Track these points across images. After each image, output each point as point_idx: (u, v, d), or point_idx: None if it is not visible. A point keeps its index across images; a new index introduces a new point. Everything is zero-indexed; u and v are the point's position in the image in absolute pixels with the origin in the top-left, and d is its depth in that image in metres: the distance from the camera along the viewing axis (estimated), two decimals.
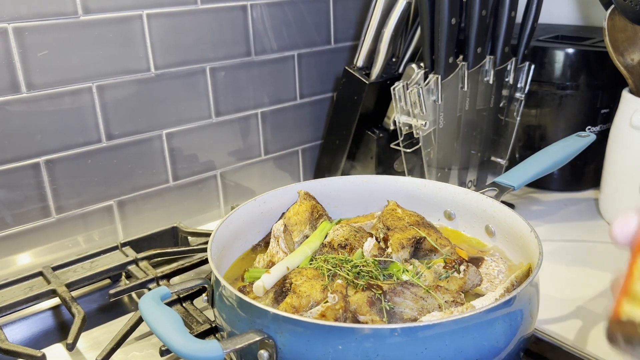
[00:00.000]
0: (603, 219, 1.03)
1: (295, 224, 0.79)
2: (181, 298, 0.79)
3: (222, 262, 0.73)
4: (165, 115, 1.01)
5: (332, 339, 0.52)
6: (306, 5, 1.12)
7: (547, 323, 0.73)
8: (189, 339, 0.51)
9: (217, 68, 1.04)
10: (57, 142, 0.90)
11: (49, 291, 0.81)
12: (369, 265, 0.68)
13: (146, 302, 0.56)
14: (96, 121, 0.93)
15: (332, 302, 0.59)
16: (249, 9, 1.05)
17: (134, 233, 1.00)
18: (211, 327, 0.73)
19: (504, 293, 0.62)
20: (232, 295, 0.59)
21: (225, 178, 1.13)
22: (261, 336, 0.54)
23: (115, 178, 0.98)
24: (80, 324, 0.73)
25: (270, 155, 1.18)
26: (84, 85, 0.90)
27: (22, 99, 0.85)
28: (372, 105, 1.11)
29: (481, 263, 0.73)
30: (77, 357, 0.74)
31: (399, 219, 0.77)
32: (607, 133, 1.01)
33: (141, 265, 0.88)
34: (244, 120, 1.11)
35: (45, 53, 0.86)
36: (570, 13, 1.25)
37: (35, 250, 0.93)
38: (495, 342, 0.56)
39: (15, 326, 0.82)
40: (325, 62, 1.20)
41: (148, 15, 0.94)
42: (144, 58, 0.95)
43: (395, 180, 0.86)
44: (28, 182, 0.89)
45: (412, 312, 0.61)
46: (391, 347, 0.51)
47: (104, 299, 0.88)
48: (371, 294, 0.61)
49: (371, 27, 1.08)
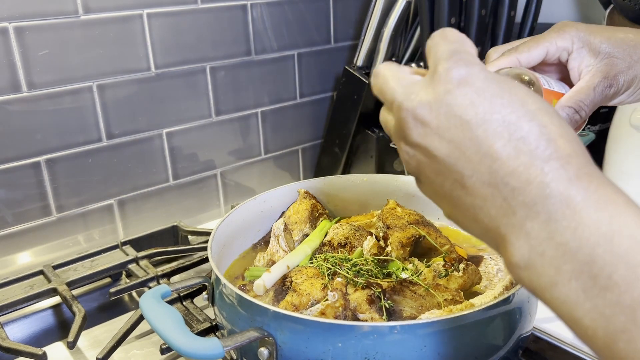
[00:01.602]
0: None
1: (295, 222, 0.79)
2: (181, 296, 0.80)
3: (222, 260, 0.73)
4: (165, 114, 1.01)
5: (332, 336, 0.52)
6: (306, 4, 1.12)
7: (546, 322, 0.73)
8: (189, 337, 0.51)
9: (217, 67, 1.04)
10: (57, 141, 0.90)
11: (49, 290, 0.81)
12: (368, 263, 0.68)
13: (147, 300, 0.56)
14: (96, 120, 0.93)
15: (332, 300, 0.60)
16: (249, 9, 1.05)
17: (135, 232, 1.00)
18: (211, 325, 0.73)
19: (503, 291, 0.62)
20: (233, 294, 0.59)
21: (225, 177, 1.13)
22: (261, 334, 0.54)
23: (116, 177, 0.98)
24: (81, 322, 0.73)
25: (270, 154, 1.18)
26: (84, 85, 0.91)
27: (23, 98, 0.86)
28: (372, 104, 1.11)
29: (480, 261, 0.73)
30: (78, 355, 0.74)
31: (398, 218, 0.77)
32: (606, 132, 1.01)
33: (141, 264, 0.88)
34: (244, 120, 1.11)
35: (45, 52, 0.86)
36: (569, 13, 1.25)
37: (35, 249, 0.93)
38: (494, 340, 0.56)
39: (16, 324, 0.82)
40: (325, 62, 1.20)
41: (148, 15, 0.94)
42: (144, 57, 0.95)
43: (395, 179, 0.87)
44: (28, 181, 0.89)
45: (411, 310, 0.61)
46: (390, 344, 0.51)
47: (104, 297, 0.89)
48: (371, 292, 0.61)
49: (371, 26, 1.08)
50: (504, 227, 0.35)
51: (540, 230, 0.33)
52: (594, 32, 0.57)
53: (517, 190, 0.34)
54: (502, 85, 0.36)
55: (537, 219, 0.33)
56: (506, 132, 0.35)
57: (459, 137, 0.36)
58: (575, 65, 0.58)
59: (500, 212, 0.35)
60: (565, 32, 0.57)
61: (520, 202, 0.34)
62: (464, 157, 0.36)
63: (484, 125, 0.35)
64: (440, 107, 0.37)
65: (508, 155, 0.34)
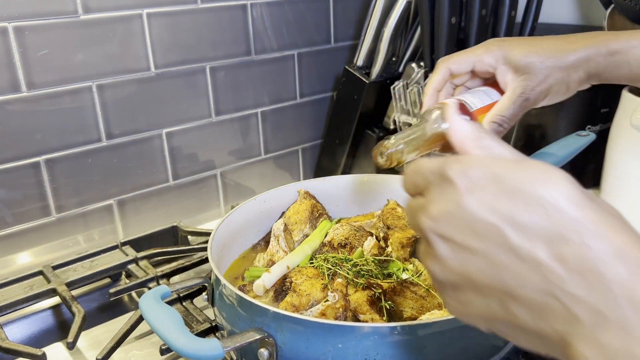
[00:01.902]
0: None
1: (295, 223, 0.79)
2: (181, 297, 0.79)
3: (222, 261, 0.73)
4: (165, 114, 1.01)
5: (332, 337, 0.52)
6: (306, 4, 1.12)
7: None
8: (189, 338, 0.51)
9: (217, 67, 1.04)
10: (57, 141, 0.90)
11: (49, 290, 0.81)
12: (369, 264, 0.68)
13: (146, 301, 0.56)
14: (96, 120, 0.93)
15: (332, 301, 0.60)
16: (249, 8, 1.05)
17: (134, 232, 1.00)
18: (211, 326, 0.73)
19: None
20: (233, 294, 0.59)
21: (225, 177, 1.13)
22: (261, 335, 0.54)
23: (115, 177, 0.98)
24: (81, 322, 0.73)
25: (270, 154, 1.18)
26: (84, 85, 0.91)
27: (23, 98, 0.85)
28: (372, 104, 1.11)
29: None
30: (77, 356, 0.74)
31: (399, 218, 0.77)
32: (607, 132, 1.01)
33: (141, 265, 0.88)
34: (244, 120, 1.11)
35: (45, 52, 0.86)
36: (570, 13, 1.25)
37: (35, 249, 0.93)
38: (494, 340, 0.56)
39: (16, 325, 0.82)
40: (325, 62, 1.20)
41: (148, 15, 0.94)
42: (144, 57, 0.95)
43: (395, 179, 0.86)
44: (28, 181, 0.89)
45: (411, 311, 0.61)
46: (391, 345, 0.51)
47: (104, 298, 0.89)
48: (371, 292, 0.61)
49: (371, 26, 1.08)
50: (569, 336, 0.32)
51: (614, 339, 0.30)
52: (515, 48, 0.64)
53: (578, 297, 0.31)
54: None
55: (609, 328, 0.30)
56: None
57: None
58: (500, 80, 0.66)
59: (561, 319, 0.32)
60: (490, 51, 0.65)
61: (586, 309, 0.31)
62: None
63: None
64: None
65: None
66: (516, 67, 0.63)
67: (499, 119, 0.64)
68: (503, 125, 0.64)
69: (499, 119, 0.64)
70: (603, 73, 0.62)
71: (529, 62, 0.62)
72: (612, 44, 0.60)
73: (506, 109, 0.64)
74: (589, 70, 0.62)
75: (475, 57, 0.66)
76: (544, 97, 0.64)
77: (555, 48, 0.62)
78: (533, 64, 0.62)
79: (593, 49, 0.61)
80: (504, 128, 0.64)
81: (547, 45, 0.63)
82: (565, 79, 0.62)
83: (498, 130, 0.64)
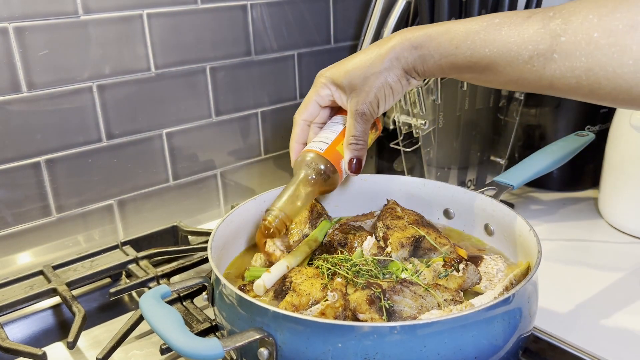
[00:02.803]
0: (602, 218, 1.03)
1: (295, 222, 0.79)
2: (181, 297, 0.80)
3: (222, 260, 0.73)
4: (165, 114, 1.01)
5: (332, 337, 0.52)
6: (306, 4, 1.12)
7: (546, 322, 0.73)
8: (189, 337, 0.51)
9: (217, 67, 1.04)
10: (57, 141, 0.90)
11: (49, 290, 0.81)
12: (368, 264, 0.68)
13: (147, 300, 0.56)
14: (96, 121, 0.93)
15: (332, 301, 0.60)
16: (249, 9, 1.05)
17: (134, 232, 1.00)
18: (211, 326, 0.73)
19: (503, 291, 0.62)
20: (233, 294, 0.59)
21: (225, 177, 1.13)
22: (261, 334, 0.54)
23: (116, 177, 0.98)
24: (81, 322, 0.73)
25: (270, 154, 1.18)
26: (84, 85, 0.91)
27: (23, 98, 0.86)
28: None
29: (480, 262, 0.73)
30: (78, 355, 0.74)
31: (398, 218, 0.77)
32: (606, 132, 1.01)
33: (141, 264, 0.88)
34: (244, 120, 1.12)
35: (45, 52, 0.86)
36: None
37: (35, 249, 0.93)
38: (494, 340, 0.56)
39: (16, 325, 0.82)
40: (325, 62, 1.20)
41: (148, 15, 0.94)
42: (144, 58, 0.95)
43: (395, 179, 0.87)
44: (28, 182, 0.89)
45: (411, 311, 0.61)
46: (390, 345, 0.51)
47: (104, 297, 0.89)
48: (371, 292, 0.61)
49: (371, 26, 1.08)
50: None
51: None
52: (336, 72, 0.69)
53: None
54: None
55: None
56: None
57: None
58: (341, 104, 0.71)
59: None
60: (321, 84, 0.71)
61: None
62: None
63: None
64: None
65: None
66: (343, 88, 0.69)
67: (352, 139, 0.70)
68: (359, 143, 0.70)
69: (353, 140, 0.70)
70: (416, 67, 0.64)
71: (350, 80, 0.67)
72: (415, 40, 0.63)
73: (353, 128, 0.69)
74: (402, 67, 0.65)
75: (316, 96, 0.72)
76: (377, 106, 0.67)
77: (368, 57, 0.66)
78: (354, 80, 0.67)
79: (399, 46, 0.64)
80: (362, 145, 0.70)
81: (363, 58, 0.67)
82: (385, 82, 0.66)
83: (358, 149, 0.70)
